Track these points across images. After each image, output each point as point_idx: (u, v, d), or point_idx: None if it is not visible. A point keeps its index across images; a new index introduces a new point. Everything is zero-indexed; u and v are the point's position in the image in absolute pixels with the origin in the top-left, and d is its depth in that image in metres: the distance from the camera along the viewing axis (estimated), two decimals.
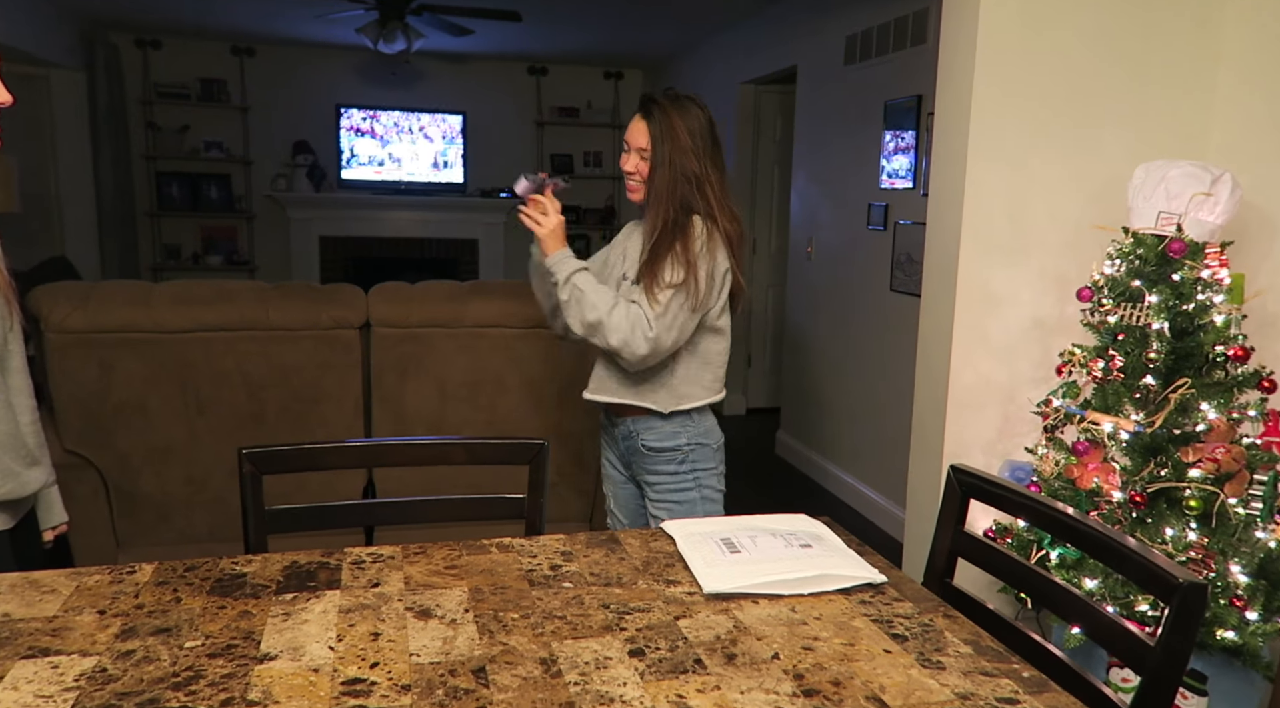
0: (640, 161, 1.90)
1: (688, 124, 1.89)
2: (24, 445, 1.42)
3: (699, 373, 1.95)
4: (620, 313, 1.82)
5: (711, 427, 2.00)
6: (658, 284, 1.81)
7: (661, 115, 1.88)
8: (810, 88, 4.54)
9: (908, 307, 3.63)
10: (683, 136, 1.87)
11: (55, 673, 0.94)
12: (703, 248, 1.84)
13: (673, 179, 1.86)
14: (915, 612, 1.15)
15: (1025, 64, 2.34)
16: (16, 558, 1.42)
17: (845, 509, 4.06)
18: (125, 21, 5.91)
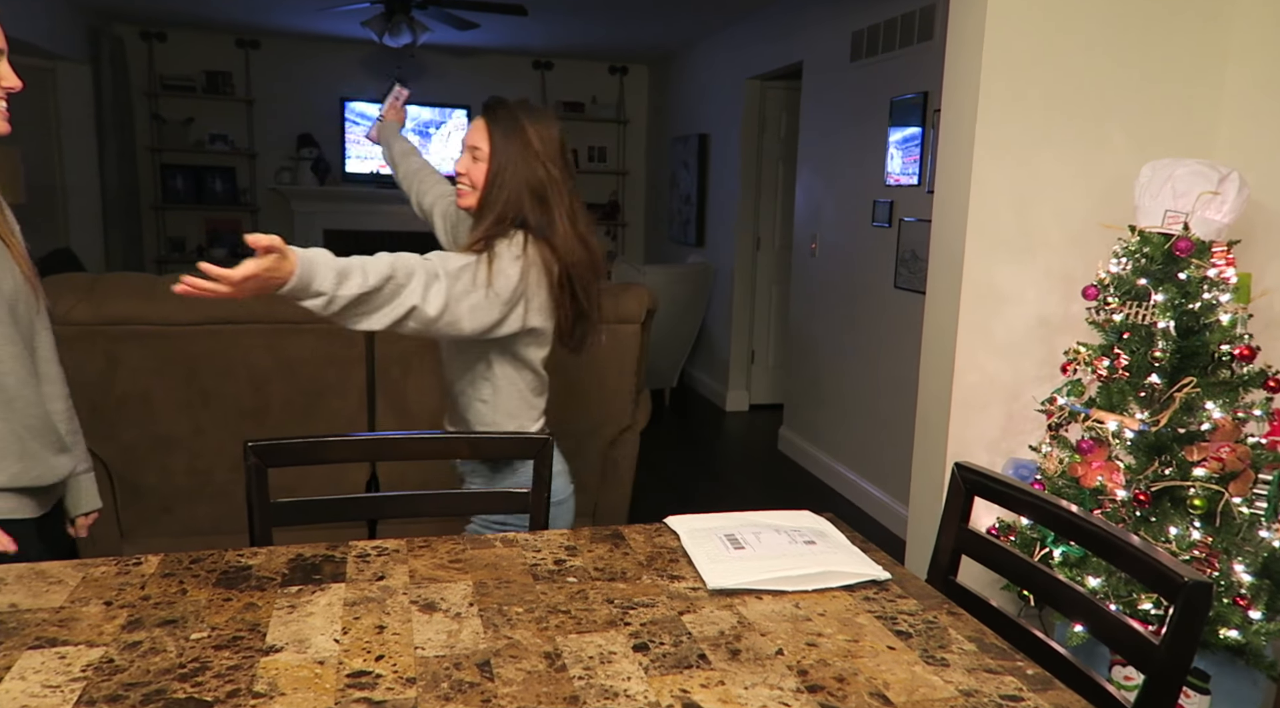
0: (472, 163, 1.69)
1: (539, 130, 1.68)
2: (54, 432, 1.43)
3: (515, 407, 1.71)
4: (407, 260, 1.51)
5: None
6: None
7: (508, 117, 1.68)
8: (816, 84, 4.52)
9: (912, 304, 3.63)
10: (533, 141, 1.66)
11: (62, 664, 0.94)
12: (510, 258, 1.59)
13: (515, 188, 1.65)
14: (919, 609, 1.15)
15: (1033, 60, 2.34)
16: (45, 546, 1.43)
17: (848, 506, 4.06)
18: (131, 14, 5.91)
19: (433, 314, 1.49)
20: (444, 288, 1.51)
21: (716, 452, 5.07)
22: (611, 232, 7.57)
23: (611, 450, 3.16)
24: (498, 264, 1.58)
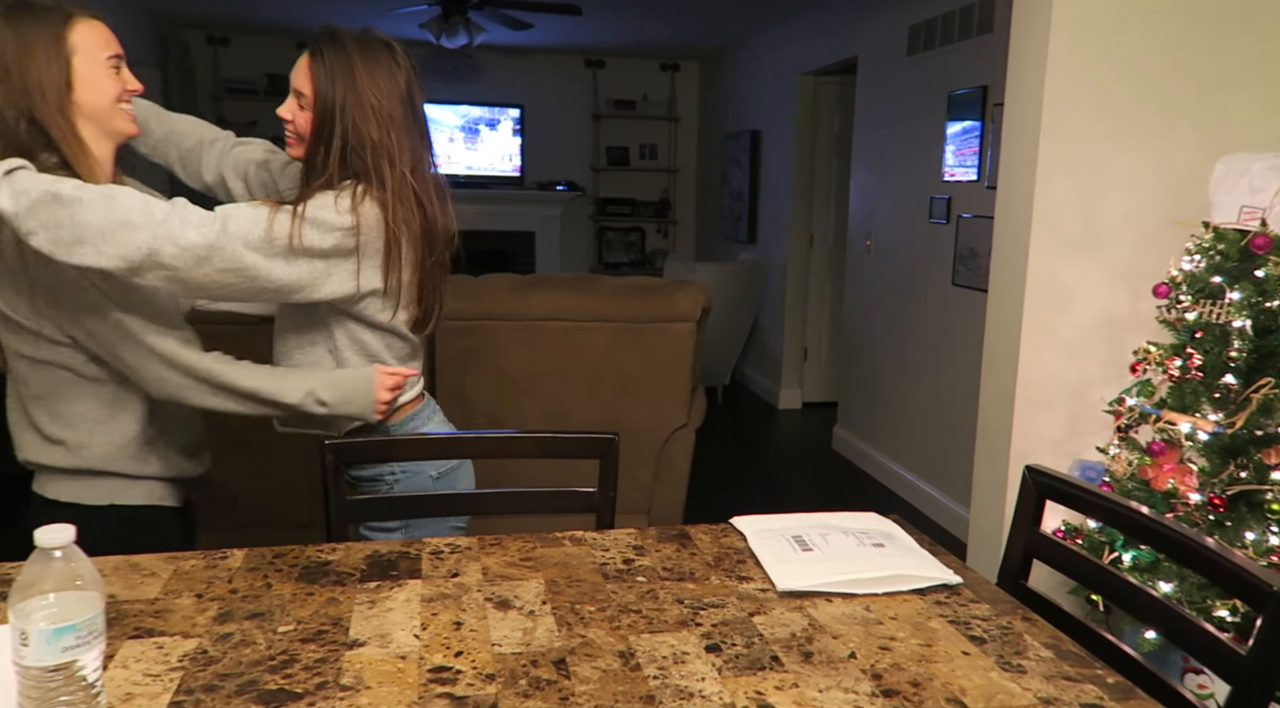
0: (298, 110, 1.45)
1: (375, 77, 1.43)
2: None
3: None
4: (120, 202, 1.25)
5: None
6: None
7: (338, 56, 1.42)
8: (871, 79, 4.47)
9: (971, 301, 3.57)
10: (365, 91, 1.42)
11: (160, 653, 0.98)
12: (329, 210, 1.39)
13: (340, 144, 1.42)
14: (992, 614, 1.14)
15: (1100, 53, 2.28)
16: (182, 536, 1.53)
17: (905, 506, 4.02)
18: (197, 19, 6.08)
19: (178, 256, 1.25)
20: (211, 232, 1.29)
21: (770, 450, 5.05)
22: (662, 229, 7.58)
23: (667, 449, 3.17)
24: (310, 217, 1.36)
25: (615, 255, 7.47)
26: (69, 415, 1.39)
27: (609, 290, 3.03)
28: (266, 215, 1.34)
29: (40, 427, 1.39)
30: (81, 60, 1.32)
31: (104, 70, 1.34)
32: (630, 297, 3.02)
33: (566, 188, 7.19)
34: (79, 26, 1.32)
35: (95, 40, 1.34)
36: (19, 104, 1.29)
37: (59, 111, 1.30)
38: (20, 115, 1.29)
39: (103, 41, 1.35)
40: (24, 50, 1.29)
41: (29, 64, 1.29)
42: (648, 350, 3.03)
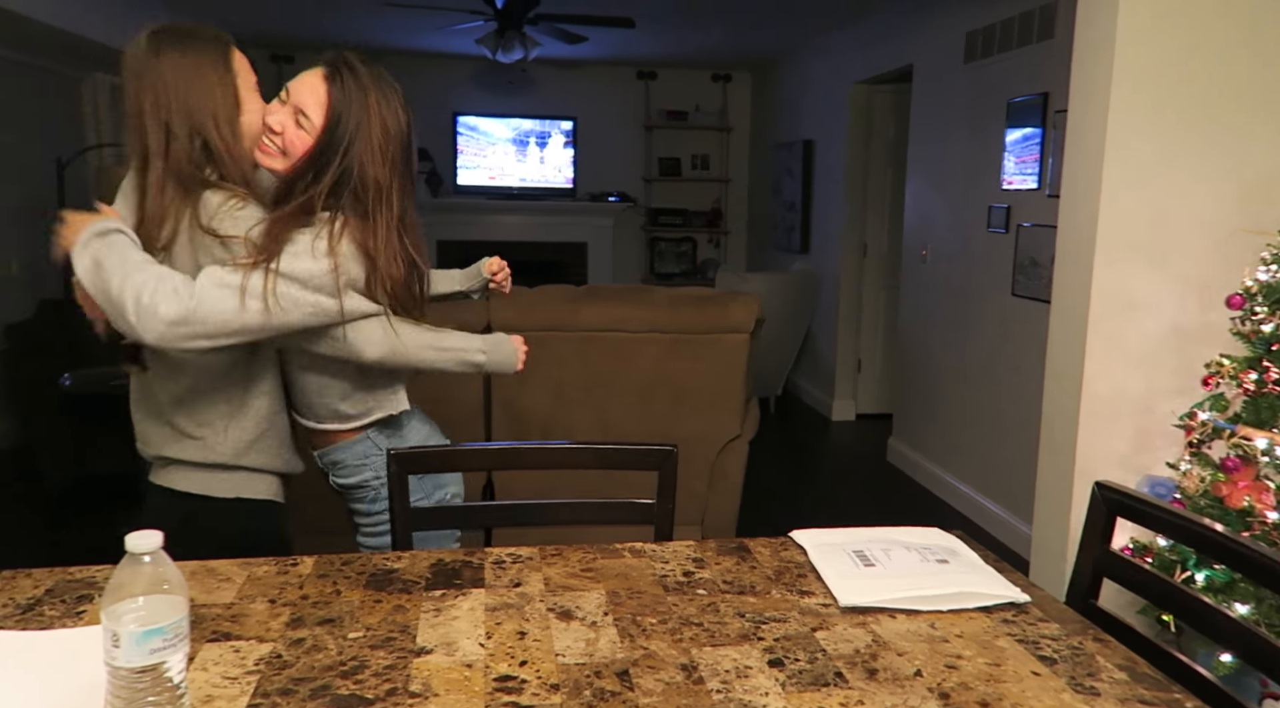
0: (294, 127, 1.40)
1: (386, 117, 1.41)
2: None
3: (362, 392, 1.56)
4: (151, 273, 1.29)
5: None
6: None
7: (356, 88, 1.40)
8: (927, 86, 4.42)
9: (1032, 312, 3.50)
10: (376, 130, 1.40)
11: (237, 657, 1.01)
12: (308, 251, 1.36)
13: (334, 177, 1.38)
14: (1063, 633, 1.12)
15: (1168, 57, 2.23)
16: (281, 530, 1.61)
17: (963, 521, 3.94)
18: (263, 38, 6.27)
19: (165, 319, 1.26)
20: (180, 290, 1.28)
21: (823, 462, 5.01)
22: (714, 239, 7.58)
23: (720, 460, 3.17)
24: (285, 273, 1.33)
25: (667, 266, 7.49)
26: (206, 414, 1.48)
27: (663, 301, 3.04)
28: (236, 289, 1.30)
29: (177, 425, 1.48)
30: (241, 85, 1.42)
31: (254, 94, 1.45)
32: (684, 307, 3.03)
33: (618, 199, 7.24)
34: (236, 54, 1.42)
35: (246, 67, 1.44)
36: (190, 125, 1.37)
37: (231, 133, 1.39)
38: (193, 134, 1.37)
39: (249, 68, 1.45)
40: (197, 75, 1.37)
41: (201, 87, 1.37)
42: (701, 361, 3.03)
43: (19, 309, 4.49)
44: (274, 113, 1.42)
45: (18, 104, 4.73)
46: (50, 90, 5.06)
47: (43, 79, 4.97)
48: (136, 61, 1.40)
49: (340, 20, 5.54)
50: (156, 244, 1.37)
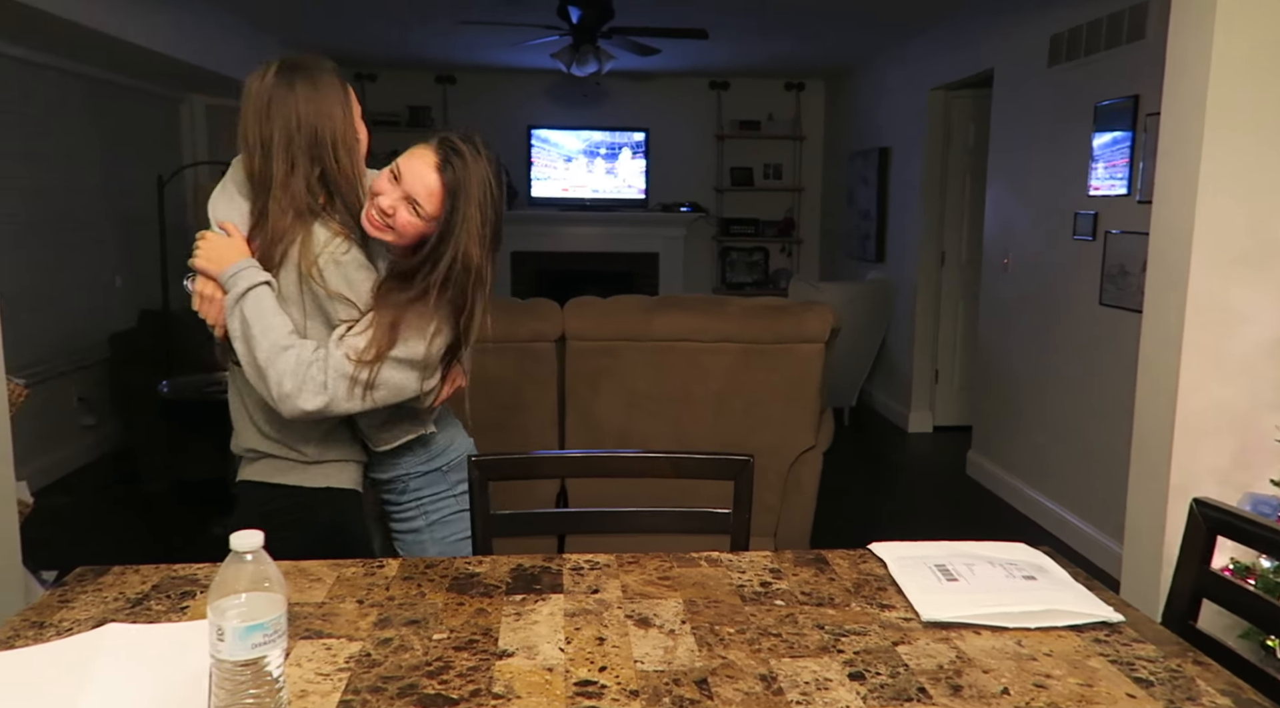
0: (408, 214, 1.47)
1: (485, 202, 1.48)
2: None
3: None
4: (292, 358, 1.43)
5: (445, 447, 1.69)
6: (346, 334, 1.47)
7: (464, 175, 1.46)
8: (1009, 91, 4.32)
9: (1121, 322, 3.37)
10: (476, 215, 1.47)
11: (329, 654, 1.05)
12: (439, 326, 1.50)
13: (448, 266, 1.46)
14: (1159, 655, 1.08)
15: (1269, 55, 2.13)
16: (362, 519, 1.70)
17: (1047, 536, 3.81)
18: (348, 58, 6.51)
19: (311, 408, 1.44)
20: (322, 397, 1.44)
21: (900, 474, 4.91)
22: (786, 249, 7.52)
23: (794, 471, 3.14)
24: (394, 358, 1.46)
25: (738, 275, 7.46)
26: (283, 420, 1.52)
27: (736, 311, 3.04)
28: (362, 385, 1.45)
29: (259, 425, 1.58)
30: (356, 116, 1.53)
31: (362, 124, 1.55)
32: (758, 317, 3.01)
33: (690, 209, 7.25)
34: (350, 88, 1.53)
35: (355, 99, 1.54)
36: (314, 155, 1.47)
37: (349, 161, 1.49)
38: (314, 163, 1.47)
39: (356, 98, 1.54)
40: (325, 107, 1.47)
41: (327, 119, 1.47)
42: (775, 372, 3.01)
43: (122, 319, 4.74)
44: (386, 194, 1.47)
45: (122, 125, 5.00)
46: (151, 112, 5.34)
47: (144, 101, 5.25)
48: (265, 92, 1.48)
49: (419, 39, 5.71)
50: (272, 263, 1.49)
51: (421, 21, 5.15)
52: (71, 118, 4.57)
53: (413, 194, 1.46)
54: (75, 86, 4.57)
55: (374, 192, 1.49)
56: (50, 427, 4.27)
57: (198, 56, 4.61)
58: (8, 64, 4.02)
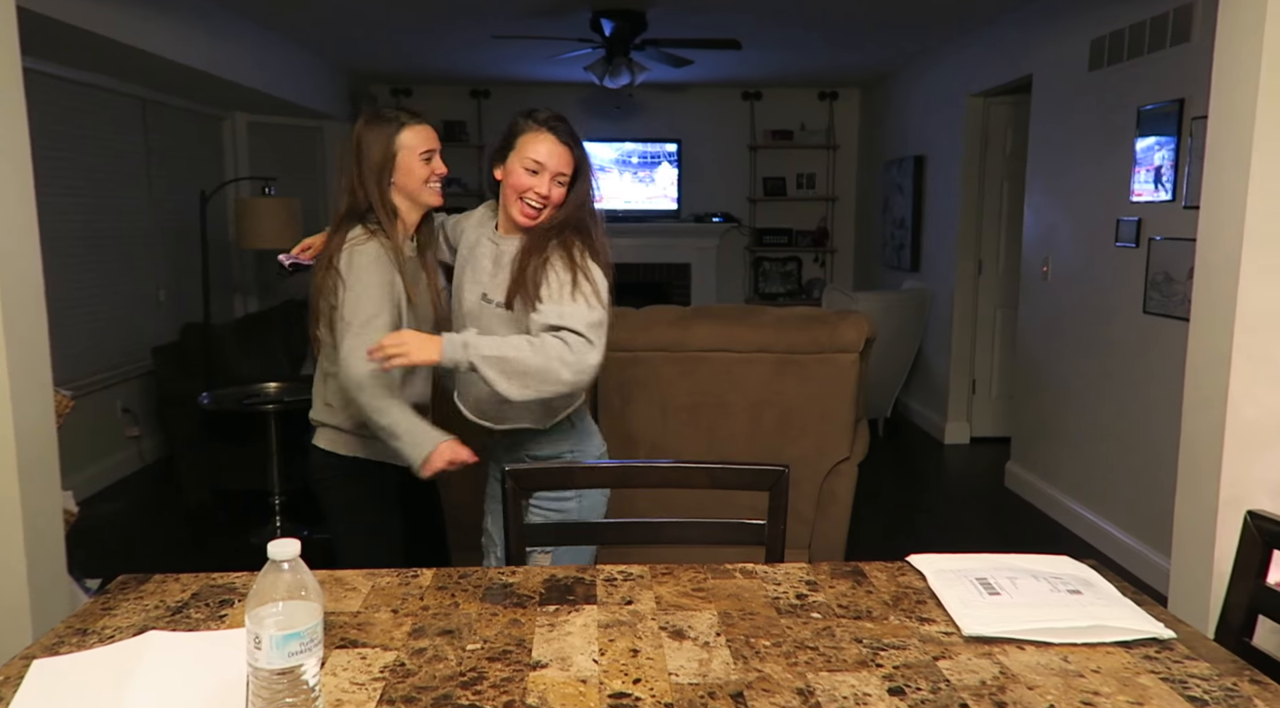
0: (560, 188, 1.79)
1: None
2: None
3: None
4: (540, 342, 1.69)
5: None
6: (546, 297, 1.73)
7: (579, 141, 1.83)
8: (1048, 97, 4.25)
9: (1167, 330, 3.30)
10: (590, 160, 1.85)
11: (364, 663, 1.05)
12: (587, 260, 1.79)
13: (578, 207, 1.81)
14: (1213, 673, 1.04)
15: None
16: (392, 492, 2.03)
17: (1090, 550, 3.73)
18: (384, 74, 6.60)
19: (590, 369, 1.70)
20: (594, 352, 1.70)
21: (936, 485, 4.83)
22: (819, 258, 7.47)
23: (829, 482, 3.10)
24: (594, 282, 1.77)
25: (771, 285, 7.43)
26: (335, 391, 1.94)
27: (771, 321, 3.01)
28: (584, 311, 1.72)
29: (321, 394, 1.99)
30: (405, 155, 1.90)
31: (417, 160, 1.91)
32: (793, 327, 2.99)
33: (722, 220, 7.23)
34: (406, 131, 1.90)
35: (414, 140, 1.91)
36: (363, 180, 1.89)
37: (378, 187, 1.89)
38: (362, 188, 1.89)
39: (420, 141, 1.91)
40: (370, 144, 1.89)
41: (369, 154, 1.89)
42: (810, 382, 2.99)
43: (165, 333, 4.84)
44: (535, 184, 1.77)
45: (167, 142, 5.12)
46: (194, 128, 5.46)
47: (188, 118, 5.37)
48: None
49: (454, 55, 5.78)
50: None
51: (456, 37, 5.21)
52: (118, 136, 4.69)
53: (560, 170, 1.78)
54: (122, 105, 4.69)
55: (518, 189, 1.77)
56: (95, 437, 4.36)
57: (240, 74, 4.70)
58: (57, 84, 4.14)
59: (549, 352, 1.66)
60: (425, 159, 1.91)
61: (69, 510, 2.50)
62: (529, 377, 1.65)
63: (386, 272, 1.86)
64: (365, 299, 1.82)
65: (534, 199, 1.77)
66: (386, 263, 1.86)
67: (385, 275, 1.85)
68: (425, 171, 1.92)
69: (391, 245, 1.88)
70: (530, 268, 1.73)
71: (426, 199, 1.95)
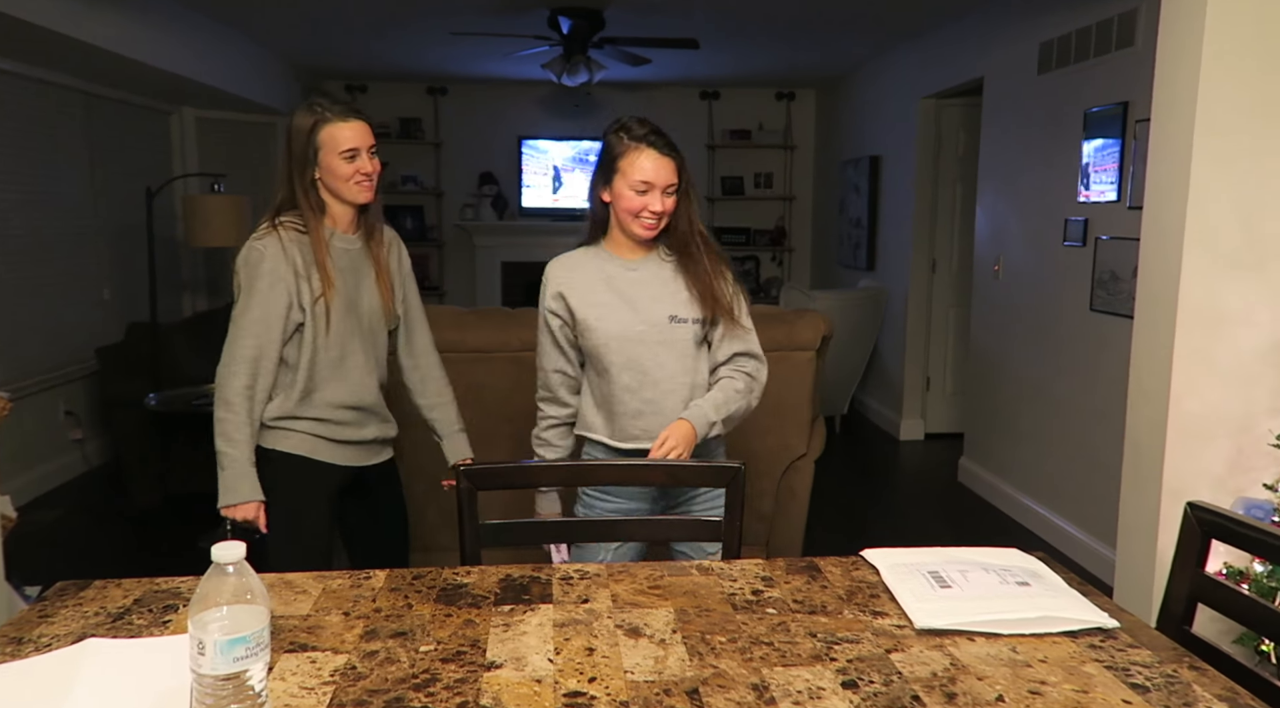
0: (670, 197, 1.81)
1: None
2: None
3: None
4: (744, 383, 1.85)
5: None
6: (738, 313, 1.85)
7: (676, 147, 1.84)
8: (999, 99, 4.33)
9: (1112, 328, 3.38)
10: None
11: (314, 667, 1.03)
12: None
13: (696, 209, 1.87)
14: (1155, 661, 1.06)
15: (1260, 60, 2.14)
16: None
17: (1040, 543, 3.81)
18: (339, 70, 6.50)
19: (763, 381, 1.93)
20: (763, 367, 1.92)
21: (892, 481, 4.90)
22: (777, 257, 7.53)
23: (786, 478, 3.12)
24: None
25: None
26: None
27: None
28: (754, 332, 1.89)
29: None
30: (324, 153, 1.83)
31: (337, 159, 1.83)
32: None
33: None
34: (327, 128, 1.82)
35: (335, 138, 1.82)
36: (288, 173, 1.84)
37: (300, 180, 1.83)
38: (286, 181, 1.85)
39: (341, 139, 1.82)
40: (294, 137, 1.83)
41: (293, 146, 1.83)
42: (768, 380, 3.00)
43: (110, 332, 4.71)
44: (651, 202, 1.78)
45: (112, 137, 4.99)
46: (141, 124, 5.32)
47: (135, 113, 5.23)
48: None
49: (411, 51, 5.71)
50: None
51: (413, 33, 5.15)
52: (62, 131, 4.55)
53: (669, 184, 1.78)
54: (66, 99, 4.55)
55: (631, 211, 1.78)
56: (36, 441, 4.23)
57: (188, 68, 4.59)
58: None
59: (753, 387, 1.85)
60: (347, 158, 1.83)
61: (7, 516, 2.42)
62: (740, 416, 1.85)
63: (280, 269, 1.80)
64: (253, 303, 1.79)
65: (649, 217, 1.78)
66: (282, 261, 1.80)
67: (278, 273, 1.80)
68: (347, 170, 1.84)
69: (314, 240, 1.82)
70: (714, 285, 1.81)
71: (351, 196, 1.87)
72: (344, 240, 1.91)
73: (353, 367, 1.90)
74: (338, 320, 1.85)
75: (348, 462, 1.95)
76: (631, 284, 1.82)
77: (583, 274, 1.85)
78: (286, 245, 1.81)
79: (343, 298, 1.87)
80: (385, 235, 2.01)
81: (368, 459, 2.00)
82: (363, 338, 1.92)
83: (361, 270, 1.91)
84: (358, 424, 1.94)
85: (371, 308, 1.93)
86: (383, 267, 1.95)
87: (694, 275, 1.80)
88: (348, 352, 1.89)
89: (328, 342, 1.86)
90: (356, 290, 1.90)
